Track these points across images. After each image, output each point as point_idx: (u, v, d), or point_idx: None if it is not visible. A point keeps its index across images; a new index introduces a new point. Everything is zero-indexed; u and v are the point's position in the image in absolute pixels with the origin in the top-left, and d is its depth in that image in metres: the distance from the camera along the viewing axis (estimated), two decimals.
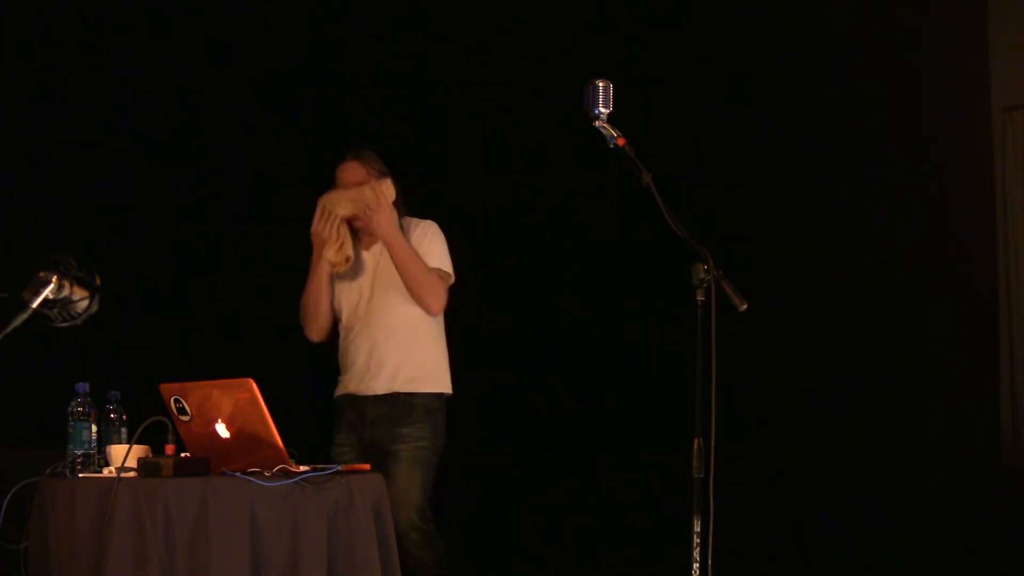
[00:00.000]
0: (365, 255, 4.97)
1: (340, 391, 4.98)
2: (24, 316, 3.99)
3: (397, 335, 4.88)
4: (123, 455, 3.73)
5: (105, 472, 3.84)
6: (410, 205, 4.97)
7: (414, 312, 4.87)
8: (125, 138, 6.07)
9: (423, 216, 4.97)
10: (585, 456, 6.36)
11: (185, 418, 3.84)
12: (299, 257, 6.18)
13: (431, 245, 4.90)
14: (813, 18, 6.47)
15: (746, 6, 6.55)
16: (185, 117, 6.16)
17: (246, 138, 6.23)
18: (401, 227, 4.84)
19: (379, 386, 4.86)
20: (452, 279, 4.91)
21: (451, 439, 6.25)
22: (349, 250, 4.88)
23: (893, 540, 6.20)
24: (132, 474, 3.70)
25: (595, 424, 6.46)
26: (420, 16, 6.57)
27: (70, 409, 3.89)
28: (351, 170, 4.90)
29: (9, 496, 3.85)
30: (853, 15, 6.44)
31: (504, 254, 6.46)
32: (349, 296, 4.97)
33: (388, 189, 4.79)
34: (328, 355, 6.06)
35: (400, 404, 4.85)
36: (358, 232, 4.93)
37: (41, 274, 4.04)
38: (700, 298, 3.73)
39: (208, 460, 3.77)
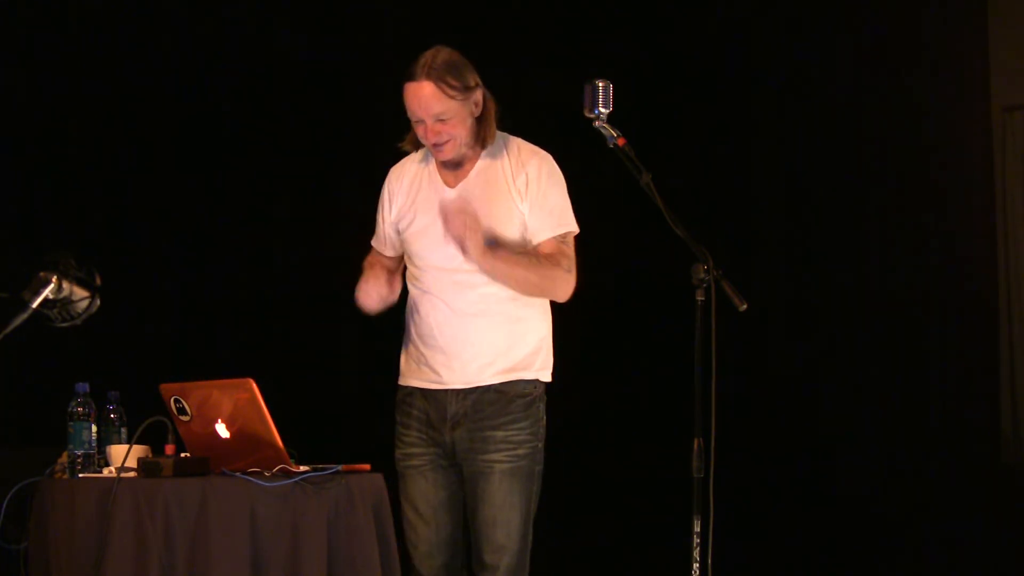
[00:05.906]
0: (448, 193, 3.88)
1: (411, 380, 3.94)
2: (24, 316, 3.98)
3: (491, 309, 3.84)
4: (123, 455, 3.73)
5: (105, 472, 3.84)
6: None
7: None
8: (125, 138, 6.06)
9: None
10: (584, 456, 6.35)
11: (185, 418, 3.84)
12: (300, 257, 6.18)
13: (546, 201, 3.79)
14: (813, 18, 6.47)
15: (746, 6, 6.55)
16: (185, 116, 6.15)
17: (246, 137, 6.23)
18: (485, 150, 3.85)
19: (466, 376, 3.86)
20: (575, 232, 3.87)
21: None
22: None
23: (893, 539, 6.20)
24: (132, 474, 3.70)
25: (594, 424, 6.45)
26: (420, 15, 6.56)
27: (70, 409, 3.89)
28: (426, 98, 3.74)
29: (9, 496, 3.85)
30: (853, 15, 6.44)
31: None
32: (432, 247, 3.83)
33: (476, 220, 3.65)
34: (328, 355, 6.05)
35: (492, 396, 3.85)
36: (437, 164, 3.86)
37: (41, 274, 4.04)
38: (700, 298, 3.72)
39: (208, 460, 3.77)
